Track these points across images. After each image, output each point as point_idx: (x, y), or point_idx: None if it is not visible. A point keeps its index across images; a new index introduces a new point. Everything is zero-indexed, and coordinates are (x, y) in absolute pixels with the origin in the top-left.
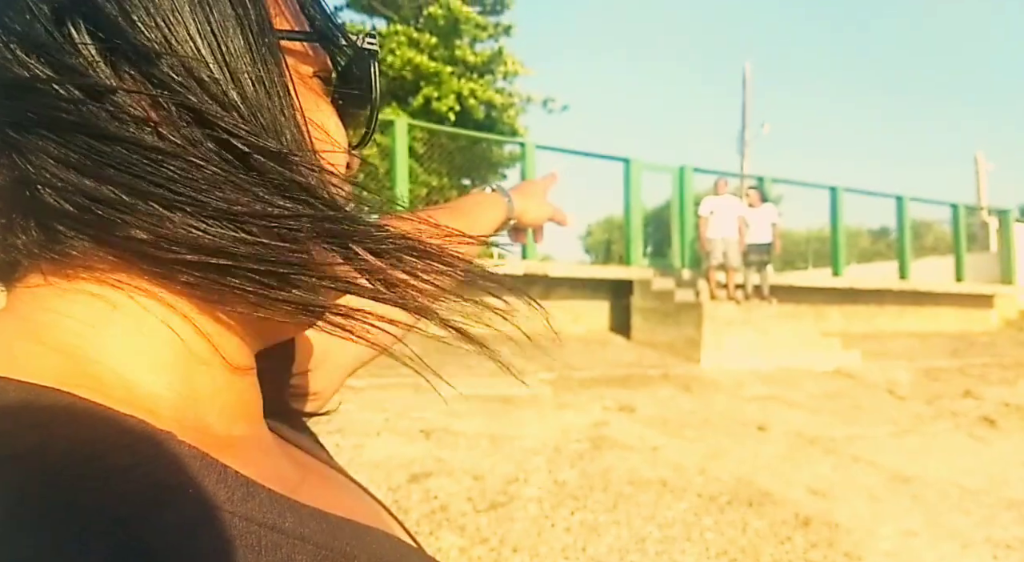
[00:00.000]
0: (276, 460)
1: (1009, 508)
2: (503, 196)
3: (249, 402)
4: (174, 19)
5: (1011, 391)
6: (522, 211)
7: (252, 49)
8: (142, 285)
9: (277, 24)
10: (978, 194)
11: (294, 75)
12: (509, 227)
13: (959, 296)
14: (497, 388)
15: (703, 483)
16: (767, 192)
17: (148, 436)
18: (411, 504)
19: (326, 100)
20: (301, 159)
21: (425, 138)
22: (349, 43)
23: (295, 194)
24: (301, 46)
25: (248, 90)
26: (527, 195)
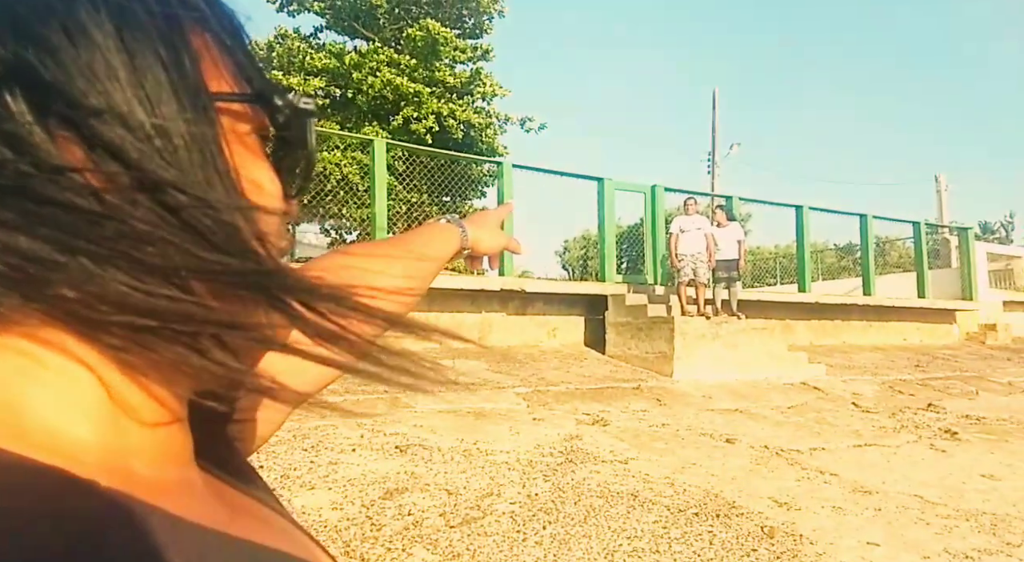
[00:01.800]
0: (205, 502)
1: (968, 519)
2: (457, 226)
3: (178, 447)
4: (110, 84)
5: (972, 404)
6: (476, 241)
7: (185, 111)
8: (70, 341)
9: (214, 86)
10: (940, 212)
11: (231, 134)
12: (464, 256)
13: (922, 311)
14: (473, 403)
15: (672, 495)
16: (735, 211)
17: (67, 483)
18: (385, 520)
19: (262, 157)
20: (233, 214)
21: (405, 156)
22: (286, 104)
23: (227, 248)
24: (239, 105)
25: (181, 151)
26: (481, 225)
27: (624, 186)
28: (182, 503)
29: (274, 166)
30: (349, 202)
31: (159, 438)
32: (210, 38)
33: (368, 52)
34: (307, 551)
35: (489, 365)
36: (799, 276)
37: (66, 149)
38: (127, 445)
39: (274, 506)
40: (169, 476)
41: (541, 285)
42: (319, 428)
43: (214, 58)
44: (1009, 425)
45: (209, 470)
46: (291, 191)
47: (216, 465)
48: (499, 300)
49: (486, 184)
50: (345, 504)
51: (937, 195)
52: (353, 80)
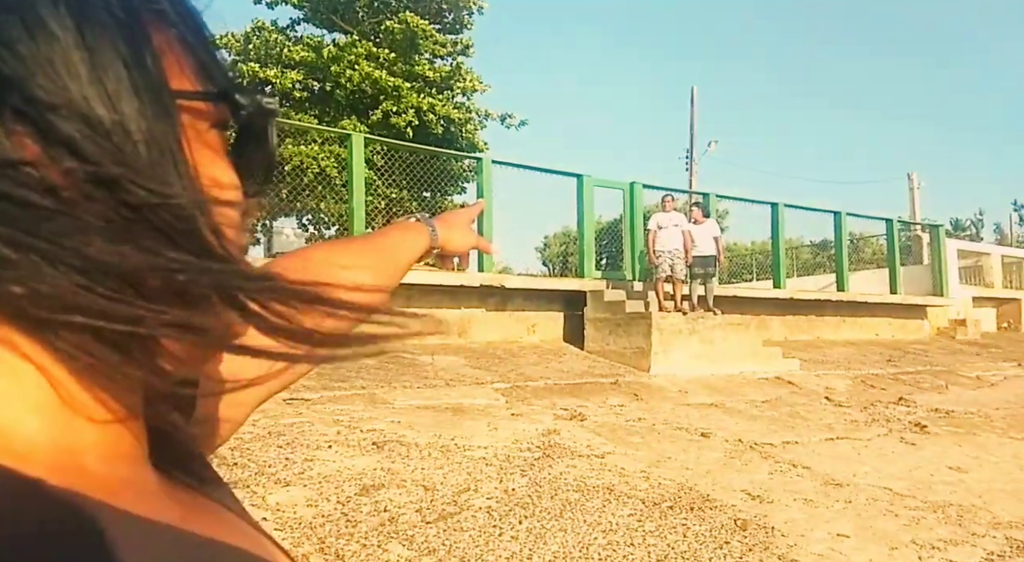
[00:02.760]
0: (158, 501)
1: (935, 511)
2: (426, 225)
3: (130, 445)
4: (69, 80)
5: (942, 398)
6: (446, 240)
7: (146, 109)
8: (18, 338)
9: (176, 84)
10: (912, 210)
11: (191, 131)
12: (434, 255)
13: (894, 307)
14: (451, 398)
15: (647, 489)
16: (712, 208)
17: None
18: (360, 517)
19: (223, 155)
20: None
21: (385, 151)
22: (249, 102)
23: (184, 245)
24: (201, 103)
25: (140, 148)
26: (450, 225)
27: (603, 183)
28: (134, 501)
29: (235, 164)
30: (327, 197)
31: (111, 436)
32: (172, 35)
33: (346, 45)
34: (264, 550)
35: (468, 361)
36: (774, 272)
37: (21, 144)
38: (77, 443)
39: (232, 506)
40: (121, 474)
41: (520, 281)
42: (295, 425)
43: (176, 55)
44: (977, 418)
45: (164, 469)
46: (252, 189)
47: (172, 464)
48: (479, 296)
49: (466, 180)
50: (320, 501)
51: (910, 193)
52: (331, 73)
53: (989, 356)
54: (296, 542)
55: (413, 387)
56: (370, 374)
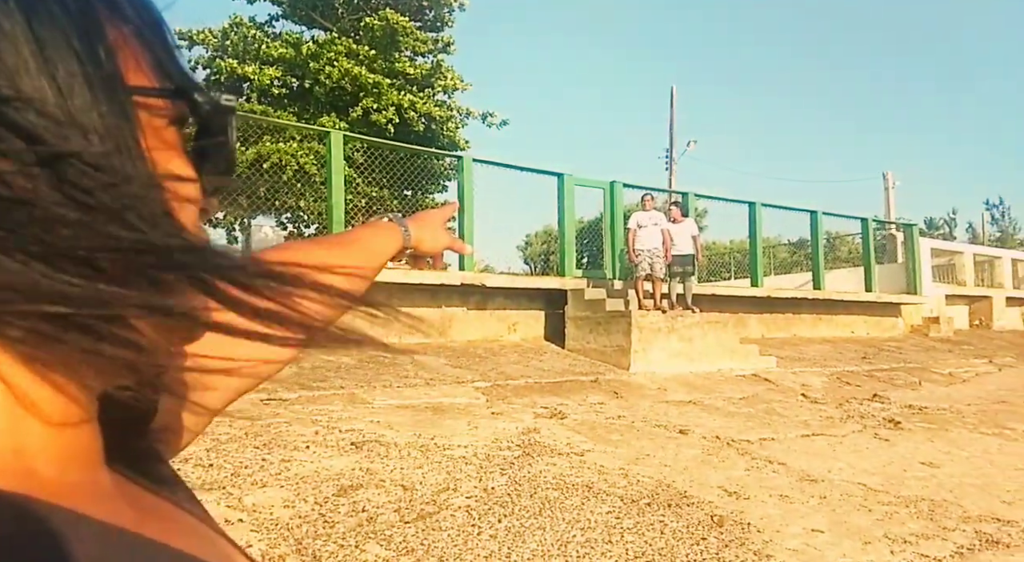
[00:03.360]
0: (112, 505)
1: (907, 506)
2: (399, 226)
3: (84, 447)
4: (18, 75)
5: (915, 394)
6: (419, 240)
7: (100, 104)
8: None
9: (132, 79)
10: (887, 209)
11: (148, 127)
12: (407, 255)
13: (869, 305)
14: (431, 398)
15: (626, 486)
16: (691, 207)
17: None
18: (338, 517)
19: (180, 152)
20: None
21: (365, 149)
22: (206, 100)
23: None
24: (158, 99)
25: (95, 143)
26: (424, 225)
27: (584, 182)
28: (86, 504)
29: (193, 162)
30: (307, 194)
31: (64, 438)
32: (129, 31)
33: (326, 42)
34: (221, 554)
35: (449, 360)
36: (751, 271)
37: None
38: (29, 446)
39: (192, 510)
40: (73, 478)
41: (501, 280)
42: (272, 426)
43: (133, 51)
44: (949, 414)
45: (122, 472)
46: (210, 187)
47: (130, 467)
48: (459, 295)
49: (447, 178)
50: (297, 502)
51: (885, 192)
52: (310, 70)
53: (961, 353)
54: (273, 543)
55: (393, 386)
56: (349, 374)
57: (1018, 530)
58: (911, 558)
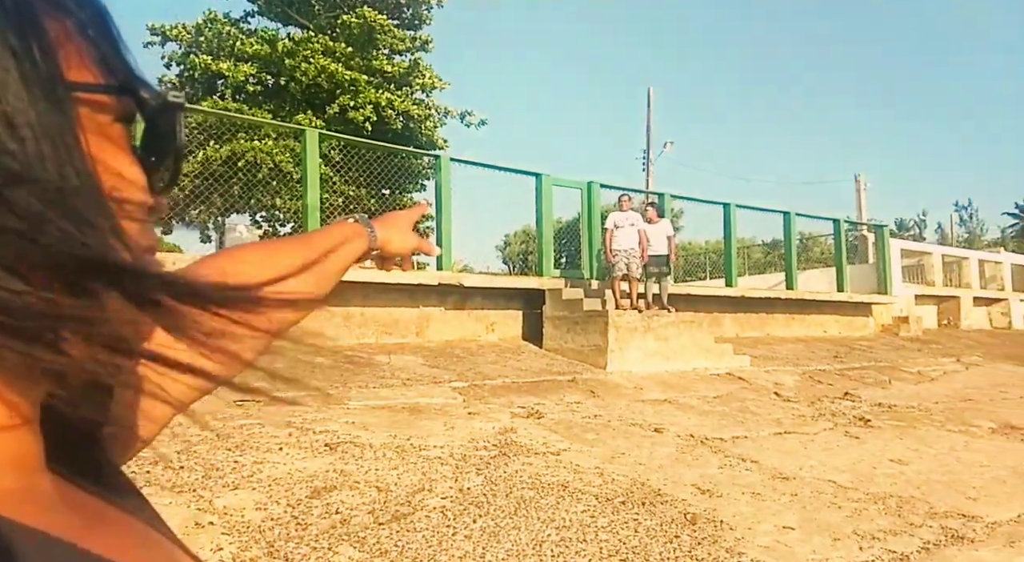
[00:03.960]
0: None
1: (876, 502)
2: (365, 226)
3: (23, 452)
4: None
5: (885, 392)
6: (385, 241)
7: (37, 101)
8: None
9: (74, 75)
10: (859, 210)
11: (92, 124)
12: (373, 257)
13: (841, 304)
14: (408, 398)
15: (601, 485)
16: (667, 208)
17: None
18: (311, 519)
19: (127, 150)
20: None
21: (342, 147)
22: (152, 96)
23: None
24: (102, 96)
25: (30, 142)
26: (391, 226)
27: (561, 182)
28: (24, 512)
29: (142, 160)
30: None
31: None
32: (71, 26)
33: (302, 40)
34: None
35: (426, 360)
36: (726, 271)
37: None
38: None
39: (143, 516)
40: (9, 484)
41: (479, 280)
42: (244, 427)
43: (75, 47)
44: (917, 412)
45: (67, 477)
46: (159, 186)
47: (77, 472)
48: (437, 295)
49: (426, 177)
50: (270, 504)
51: (857, 194)
52: (286, 67)
53: (930, 352)
54: (244, 546)
55: (369, 387)
56: (324, 374)
57: (982, 525)
58: (879, 554)
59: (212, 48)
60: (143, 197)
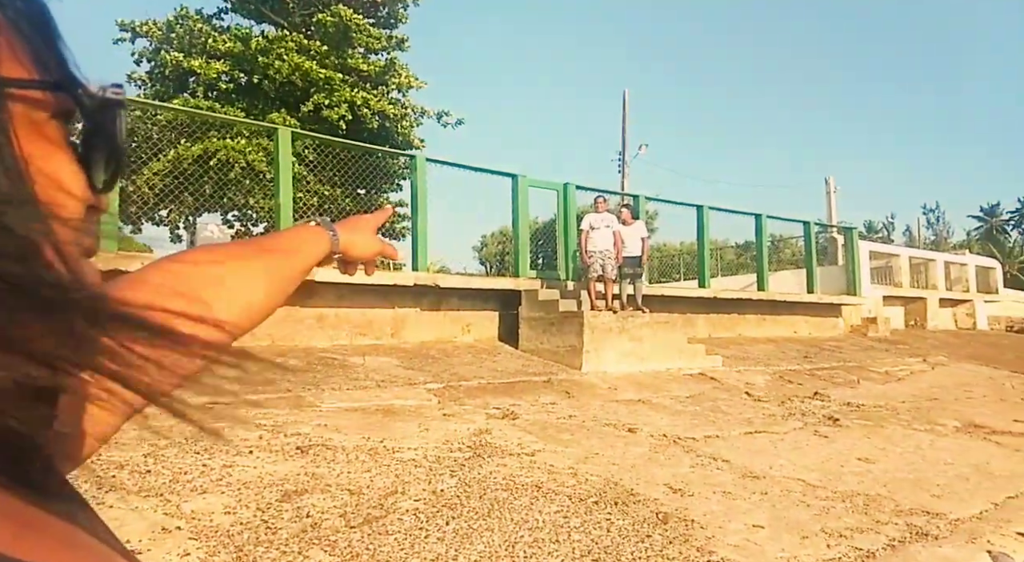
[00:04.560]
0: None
1: (843, 500)
2: (327, 230)
3: None
4: None
5: (854, 392)
6: (348, 245)
7: None
8: None
9: (5, 70)
10: (829, 213)
11: (25, 121)
12: (334, 260)
13: (811, 305)
14: (382, 400)
15: (574, 485)
16: (641, 209)
17: None
18: (281, 523)
19: (64, 147)
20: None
21: (317, 146)
22: (88, 93)
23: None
24: (38, 93)
25: None
26: (354, 230)
27: (537, 183)
28: None
29: (81, 158)
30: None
31: None
32: (3, 22)
33: (276, 38)
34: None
35: (401, 361)
36: (699, 272)
37: None
38: None
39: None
40: None
41: (455, 281)
42: None
43: (7, 41)
44: (884, 411)
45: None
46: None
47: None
48: (412, 296)
49: (402, 177)
50: (239, 508)
51: (827, 196)
52: (259, 65)
53: (897, 352)
54: (212, 551)
55: (342, 389)
56: (296, 376)
57: (946, 522)
58: (846, 551)
59: (184, 45)
60: (80, 196)
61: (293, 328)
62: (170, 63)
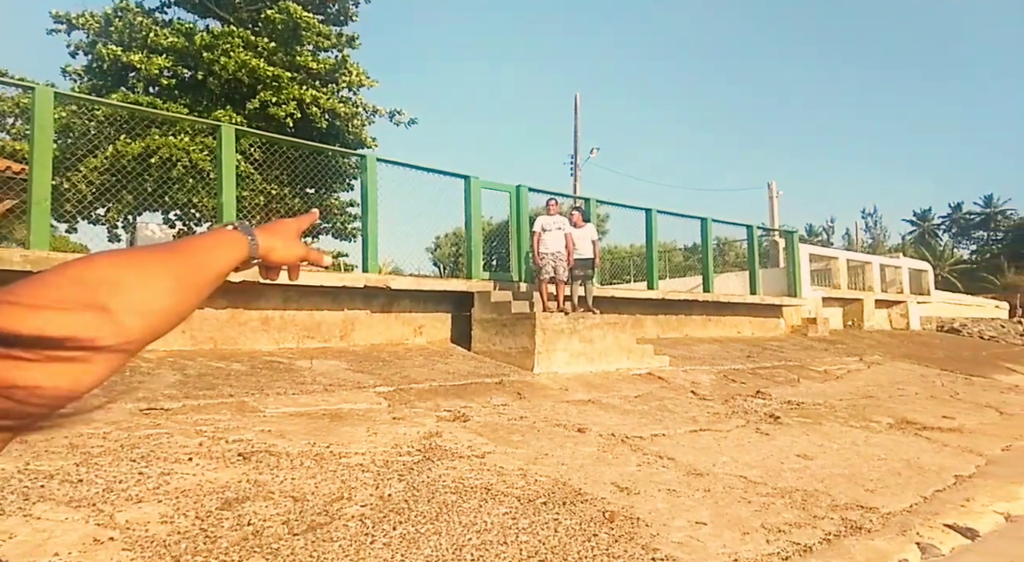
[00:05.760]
0: None
1: (782, 496)
2: (245, 234)
3: None
4: None
5: (794, 390)
6: (268, 250)
7: None
8: None
9: None
10: (771, 217)
11: None
12: (252, 265)
13: (754, 306)
14: (329, 404)
15: (524, 486)
16: (592, 212)
17: None
18: (221, 532)
19: None
20: None
21: (264, 144)
22: None
23: None
24: None
25: None
26: (275, 234)
27: (490, 185)
28: None
29: None
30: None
31: None
32: None
33: (222, 34)
34: None
35: (350, 365)
36: (648, 274)
37: None
38: None
39: None
40: None
41: (407, 282)
42: (151, 437)
43: None
44: (823, 409)
45: None
46: None
47: None
48: (362, 297)
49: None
50: (177, 517)
51: (769, 201)
52: (204, 61)
53: (835, 351)
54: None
55: (287, 394)
56: (239, 381)
57: (878, 516)
58: (784, 546)
59: (123, 39)
60: None
61: (237, 331)
62: (107, 57)
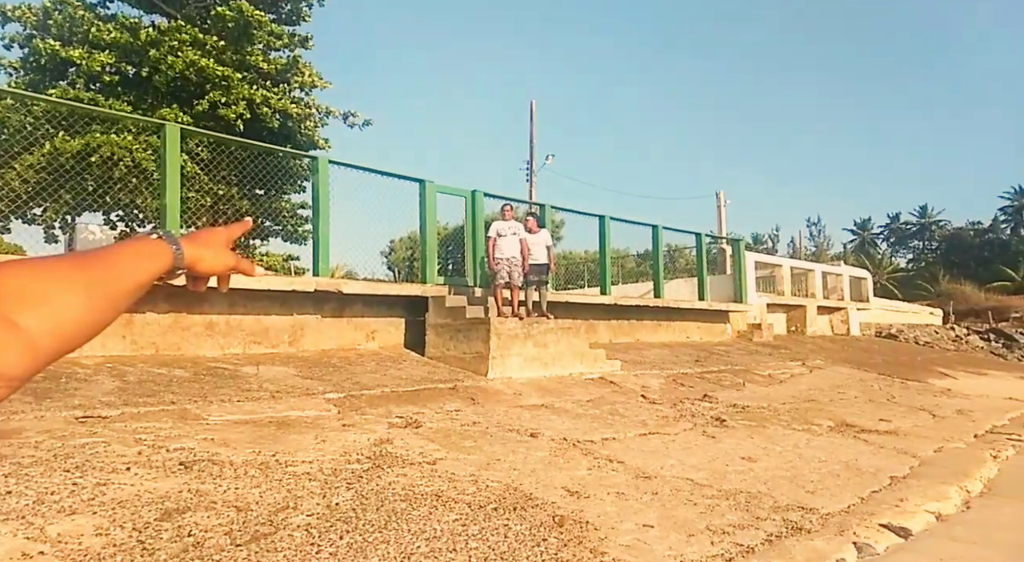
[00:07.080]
0: None
1: (727, 498)
2: (169, 243)
3: None
4: None
5: (739, 394)
6: (195, 260)
7: None
8: None
9: None
10: (719, 225)
11: None
12: (178, 276)
13: (702, 312)
14: (276, 411)
15: (475, 492)
16: (547, 218)
17: None
18: (160, 544)
19: None
20: None
21: (212, 144)
22: None
23: None
24: None
25: None
26: (203, 244)
27: (446, 189)
28: None
29: None
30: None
31: None
32: None
33: (169, 30)
34: None
35: (299, 371)
36: (601, 280)
37: None
38: None
39: None
40: None
41: (359, 287)
42: (87, 446)
43: None
44: (767, 412)
45: None
46: None
47: None
48: (313, 302)
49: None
50: (112, 529)
51: (718, 210)
52: (149, 58)
53: (779, 356)
54: None
55: (232, 401)
56: (181, 388)
57: (818, 517)
58: (728, 547)
59: (63, 33)
60: None
61: (180, 336)
62: (45, 52)
